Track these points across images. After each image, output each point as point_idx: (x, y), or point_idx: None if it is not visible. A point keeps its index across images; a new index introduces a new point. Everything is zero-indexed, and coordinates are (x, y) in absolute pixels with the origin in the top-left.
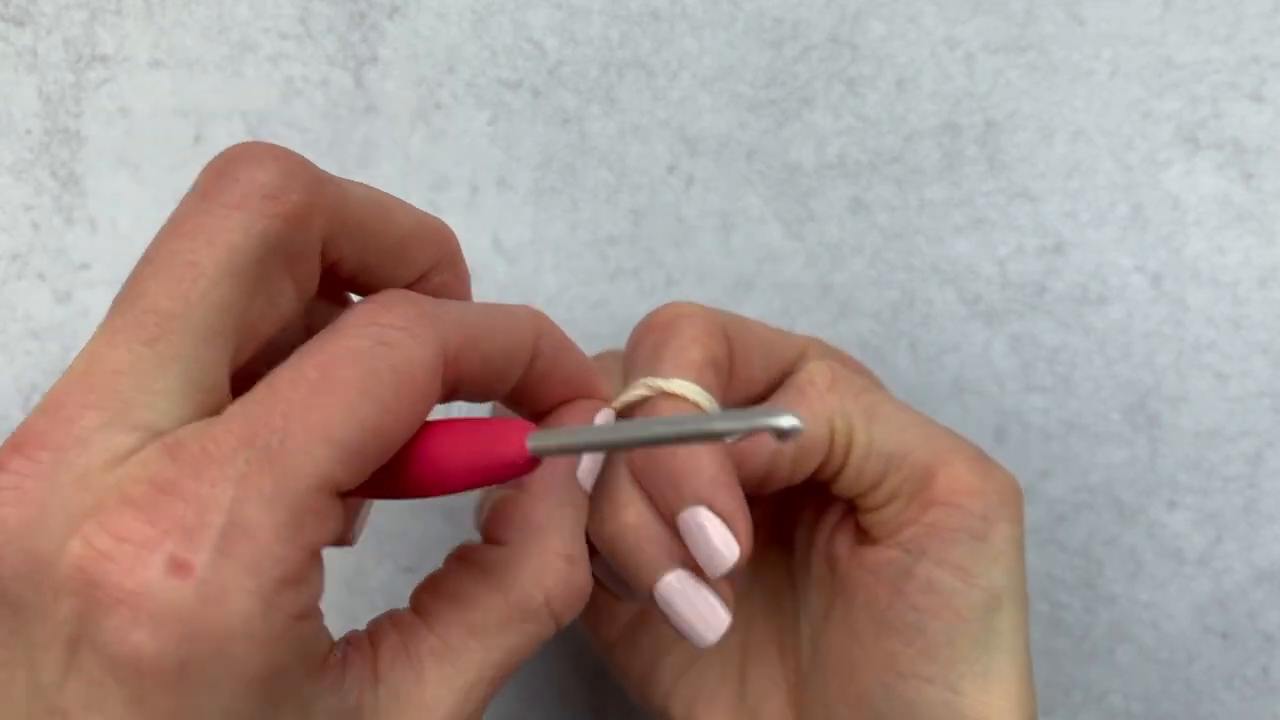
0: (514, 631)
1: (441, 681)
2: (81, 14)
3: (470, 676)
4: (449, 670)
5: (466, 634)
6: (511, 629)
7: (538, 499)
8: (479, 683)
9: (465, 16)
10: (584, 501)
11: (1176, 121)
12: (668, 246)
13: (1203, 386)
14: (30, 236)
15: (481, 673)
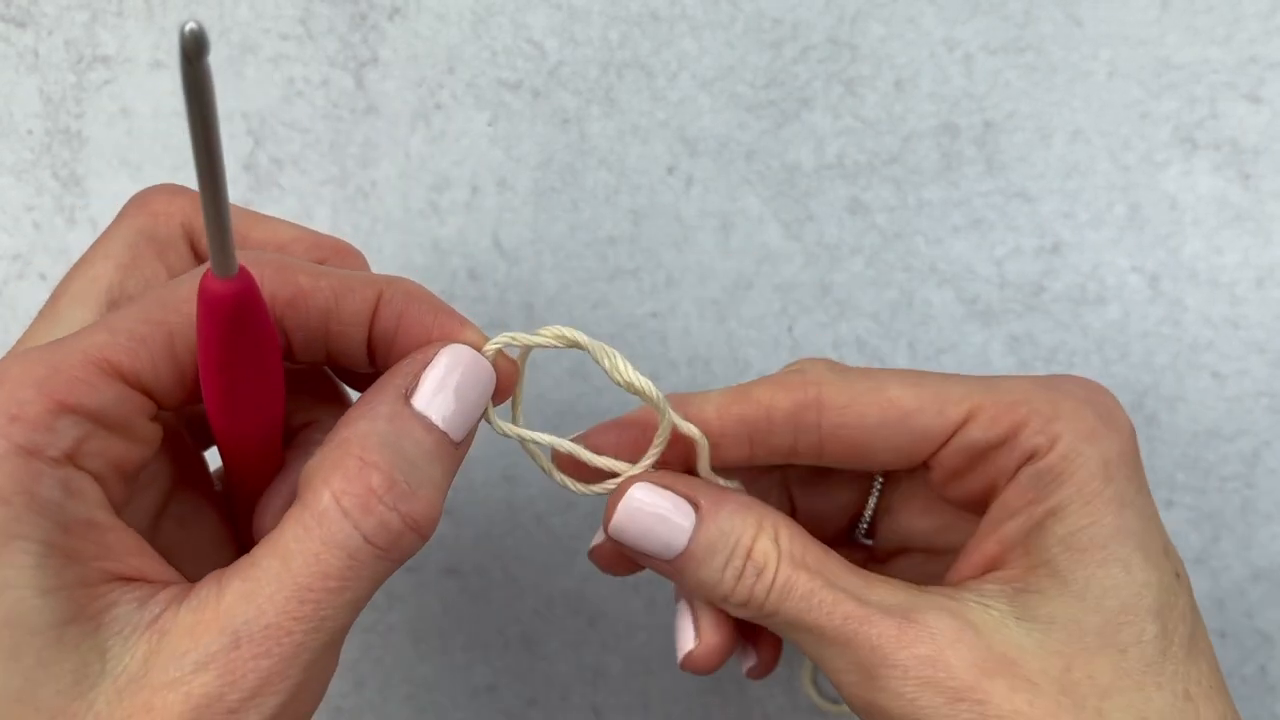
0: (309, 538)
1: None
2: (83, 15)
3: (269, 588)
4: (249, 585)
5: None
6: (306, 536)
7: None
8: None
9: (465, 17)
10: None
11: (1174, 122)
12: (667, 247)
13: (1200, 386)
14: (32, 237)
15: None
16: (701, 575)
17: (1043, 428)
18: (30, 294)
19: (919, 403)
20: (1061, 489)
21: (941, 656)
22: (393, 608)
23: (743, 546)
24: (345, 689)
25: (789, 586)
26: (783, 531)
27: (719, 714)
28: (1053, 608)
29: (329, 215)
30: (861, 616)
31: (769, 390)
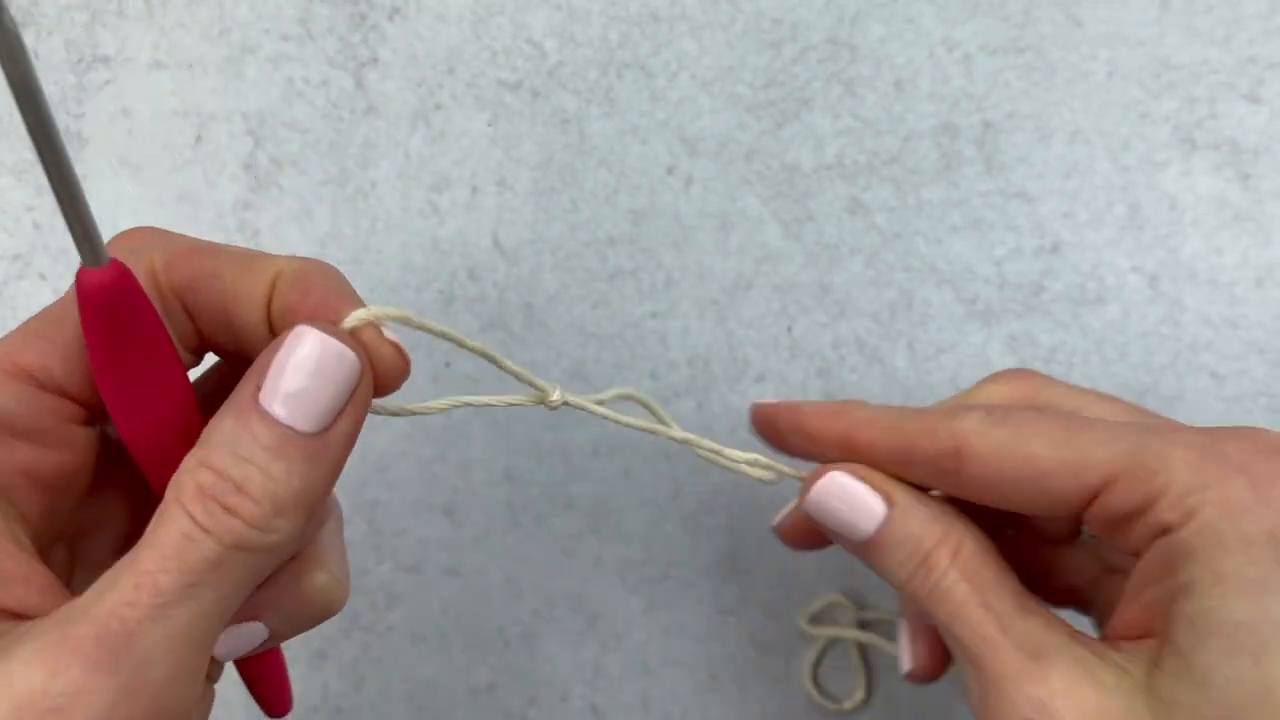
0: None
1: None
2: (83, 15)
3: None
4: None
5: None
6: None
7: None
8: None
9: (465, 18)
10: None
11: (1174, 122)
12: (667, 247)
13: (1199, 386)
14: (32, 237)
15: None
16: (882, 565)
17: (1179, 500)
18: (30, 294)
19: (1058, 464)
20: (1191, 566)
21: (1051, 703)
22: (393, 608)
23: (922, 551)
24: (345, 689)
25: (947, 593)
26: (966, 547)
27: (718, 714)
28: (1175, 690)
29: (328, 215)
30: (996, 643)
31: (918, 428)
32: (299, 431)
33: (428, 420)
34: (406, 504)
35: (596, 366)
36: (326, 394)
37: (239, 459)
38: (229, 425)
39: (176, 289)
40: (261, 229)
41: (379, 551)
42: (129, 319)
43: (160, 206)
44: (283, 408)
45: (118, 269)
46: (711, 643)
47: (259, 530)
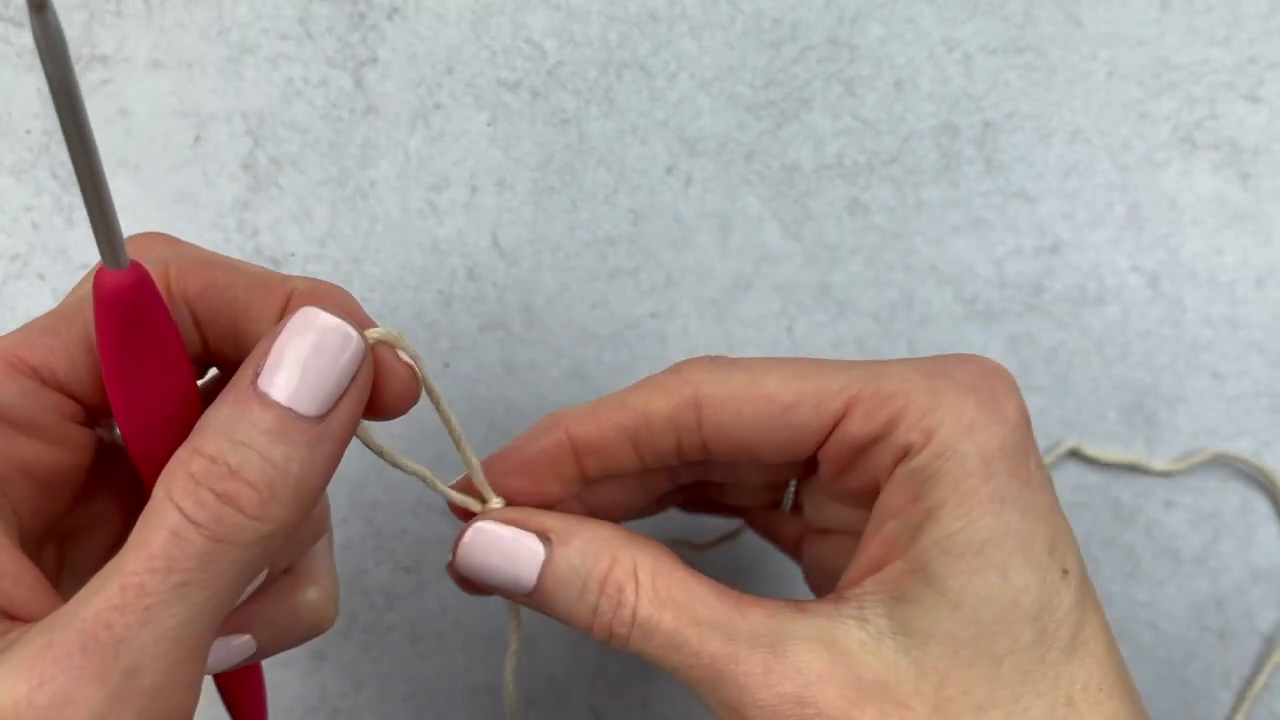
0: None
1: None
2: (81, 14)
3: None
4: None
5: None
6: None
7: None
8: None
9: (464, 17)
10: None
11: (1174, 122)
12: (666, 247)
13: (1200, 386)
14: (30, 237)
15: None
16: (560, 611)
17: (918, 421)
18: (29, 294)
19: (796, 396)
20: (936, 489)
21: (808, 694)
22: (392, 608)
23: (594, 580)
24: (344, 689)
25: (651, 626)
26: (642, 562)
27: None
28: (929, 621)
29: (328, 215)
30: (728, 655)
31: (644, 395)
32: (300, 414)
33: (427, 421)
34: (406, 504)
35: (596, 367)
36: (330, 375)
37: (236, 443)
38: (225, 411)
39: (188, 298)
40: (260, 229)
41: (379, 551)
42: (145, 322)
43: (159, 206)
44: (284, 390)
45: (138, 271)
46: None
47: (255, 520)
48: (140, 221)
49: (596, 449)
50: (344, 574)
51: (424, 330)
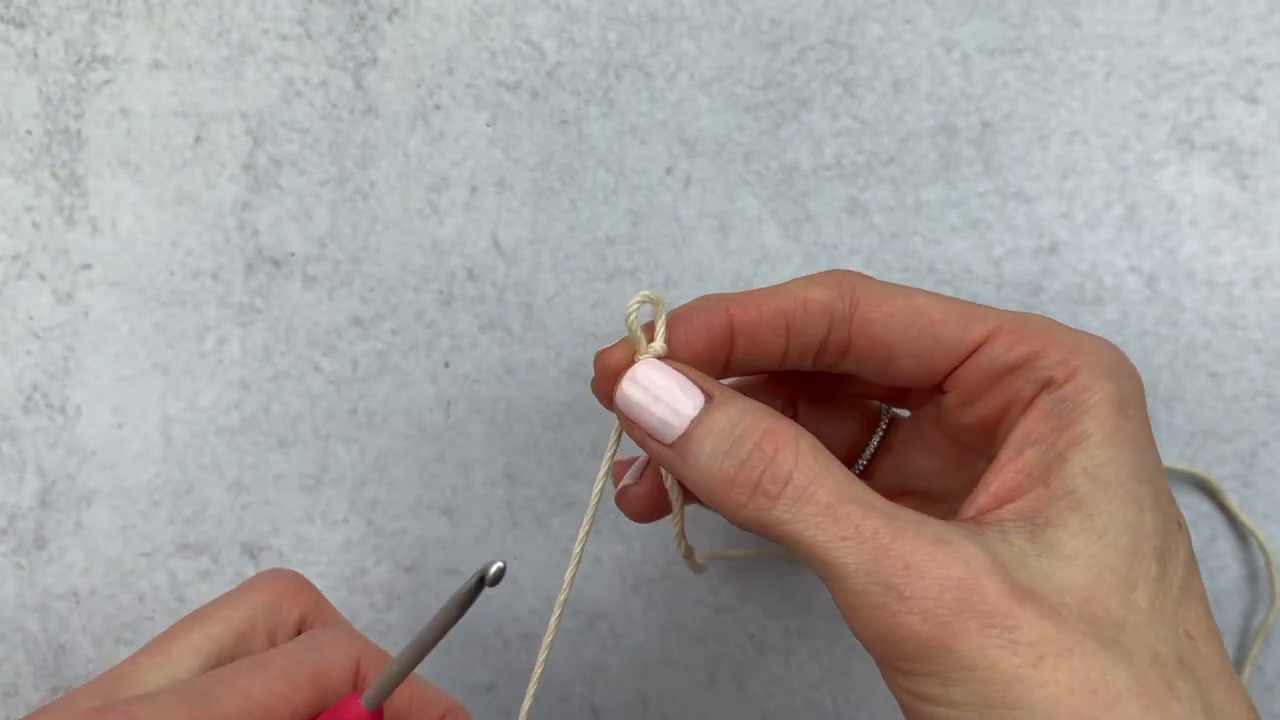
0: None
1: None
2: (82, 15)
3: None
4: None
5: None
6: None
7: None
8: None
9: (464, 18)
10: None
11: (1172, 122)
12: (665, 247)
13: (1198, 386)
14: (31, 237)
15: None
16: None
17: (1063, 358)
18: (30, 294)
19: (945, 314)
20: (1084, 420)
21: (976, 581)
22: (392, 607)
23: (750, 437)
24: None
25: (806, 493)
26: (804, 439)
27: (717, 713)
28: (1076, 544)
29: (328, 215)
30: (894, 532)
31: (805, 283)
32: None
33: (427, 420)
34: (406, 504)
35: None
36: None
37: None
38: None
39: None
40: (260, 229)
41: (379, 551)
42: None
43: (159, 206)
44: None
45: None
46: (710, 642)
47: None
48: (142, 221)
49: (752, 332)
50: (344, 573)
51: (424, 330)
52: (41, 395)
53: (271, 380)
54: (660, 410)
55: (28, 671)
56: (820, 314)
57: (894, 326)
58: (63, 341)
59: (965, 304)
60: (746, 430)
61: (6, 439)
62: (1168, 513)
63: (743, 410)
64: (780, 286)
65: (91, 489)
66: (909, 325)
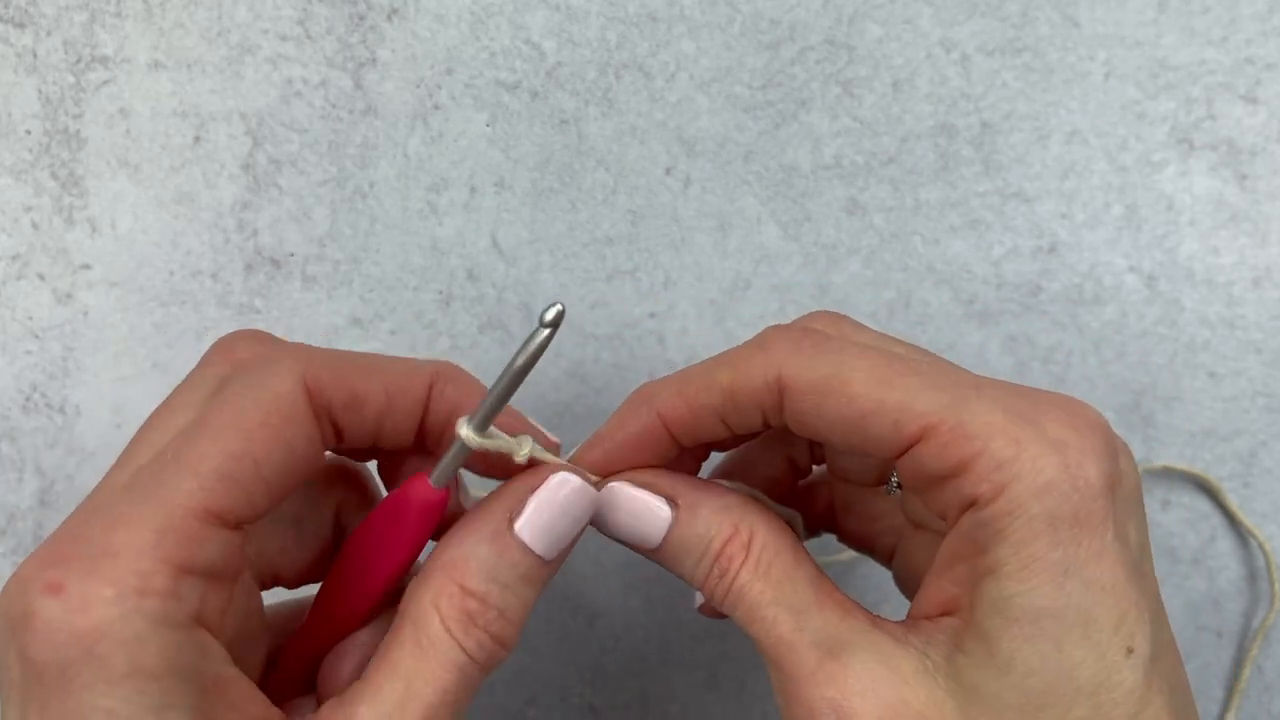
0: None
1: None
2: (81, 15)
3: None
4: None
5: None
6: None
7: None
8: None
9: (463, 18)
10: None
11: (1171, 123)
12: (665, 247)
13: (1197, 386)
14: (31, 237)
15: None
16: (676, 569)
17: (991, 472)
18: (29, 293)
19: (876, 406)
20: (1000, 547)
21: (847, 704)
22: None
23: (713, 550)
24: None
25: (741, 593)
26: (758, 537)
27: (717, 713)
28: (977, 676)
29: (327, 215)
30: (790, 644)
31: (729, 373)
32: (544, 560)
33: None
34: None
35: (595, 366)
36: (570, 533)
37: (501, 585)
38: (484, 551)
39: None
40: (260, 229)
41: None
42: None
43: (159, 206)
44: (536, 539)
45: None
46: (710, 642)
47: (507, 653)
48: (141, 221)
49: (688, 427)
50: None
51: (424, 330)
52: (41, 395)
53: None
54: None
55: None
56: (750, 406)
57: (824, 419)
58: (62, 341)
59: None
60: (709, 543)
61: (6, 439)
62: (1105, 643)
63: (706, 519)
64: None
65: (91, 489)
66: (838, 419)
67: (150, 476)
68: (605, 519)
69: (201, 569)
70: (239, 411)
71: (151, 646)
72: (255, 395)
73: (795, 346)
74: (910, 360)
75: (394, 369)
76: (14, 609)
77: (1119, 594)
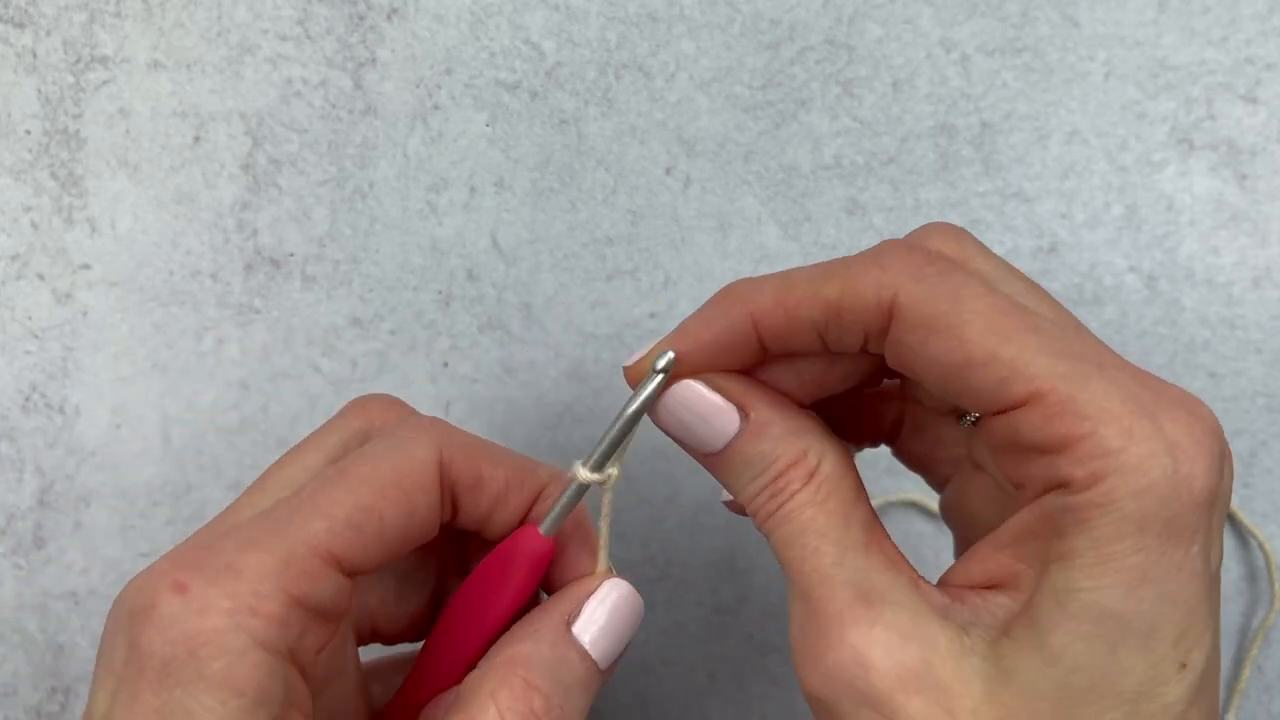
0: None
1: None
2: (81, 15)
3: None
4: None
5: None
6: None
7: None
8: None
9: (463, 18)
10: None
11: (1171, 123)
12: (665, 247)
13: (1197, 386)
14: (30, 237)
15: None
16: (726, 478)
17: (1092, 459)
18: (29, 294)
19: (986, 358)
20: (1079, 537)
21: (868, 653)
22: None
23: (774, 470)
24: None
25: (789, 516)
26: (823, 467)
27: (717, 714)
28: (1019, 661)
29: (327, 216)
30: (825, 576)
31: (839, 286)
32: (599, 668)
33: None
34: None
35: (595, 366)
36: (624, 640)
37: (563, 686)
38: (546, 651)
39: (456, 488)
40: (260, 229)
41: None
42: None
43: (159, 206)
44: (594, 644)
45: (552, 544)
46: (710, 642)
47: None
48: (141, 221)
49: (780, 336)
50: None
51: (424, 330)
52: (40, 395)
53: (270, 380)
54: (699, 432)
55: (26, 672)
56: (854, 326)
57: (926, 357)
58: (61, 341)
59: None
60: (772, 463)
61: (5, 439)
62: (1161, 654)
63: (776, 437)
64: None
65: (90, 489)
66: (942, 360)
67: (285, 510)
68: (669, 414)
69: (312, 606)
70: (376, 468)
71: (248, 663)
72: (394, 458)
73: (916, 270)
74: (1034, 314)
75: (516, 463)
76: (138, 600)
77: (1189, 609)
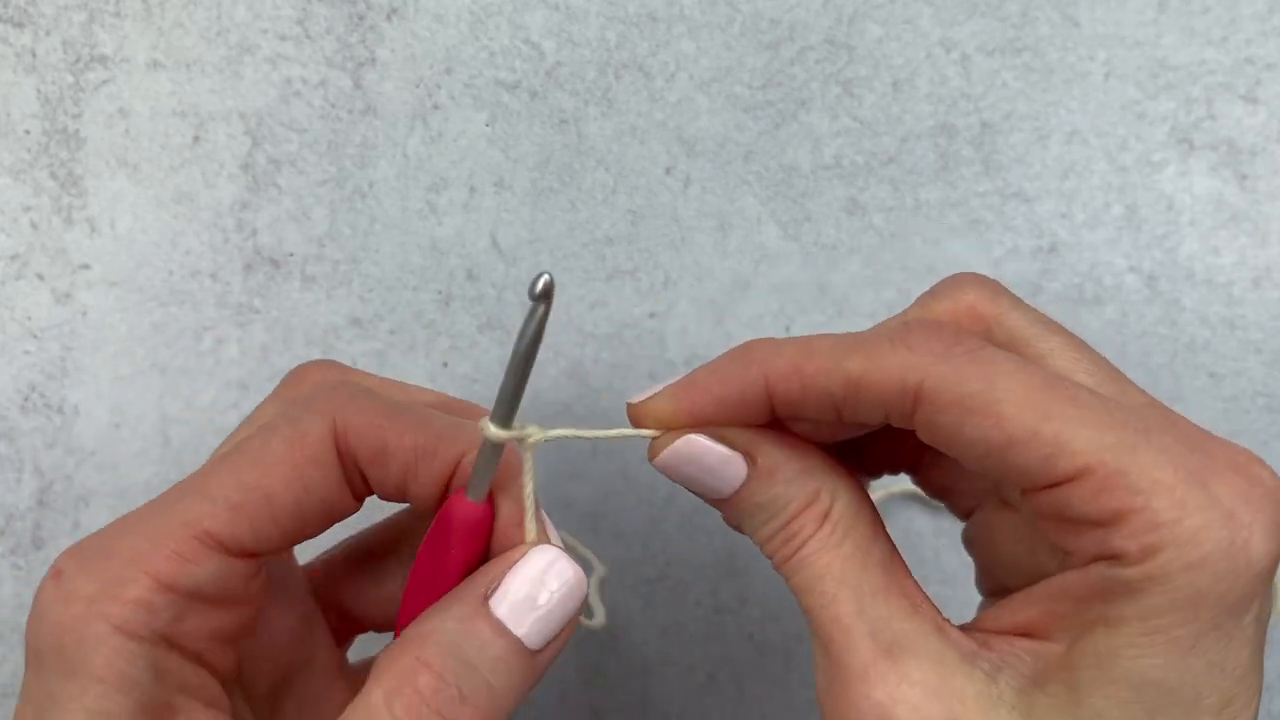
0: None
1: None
2: (80, 15)
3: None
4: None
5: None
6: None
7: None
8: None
9: (463, 18)
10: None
11: (1171, 123)
12: (665, 247)
13: (1197, 386)
14: (30, 237)
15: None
16: (739, 525)
17: (1145, 533)
18: (28, 293)
19: (1028, 436)
20: (1129, 606)
21: (893, 711)
22: None
23: (787, 515)
24: None
25: (805, 562)
26: (837, 508)
27: (717, 714)
28: (1050, 716)
29: (327, 215)
30: (846, 627)
31: (862, 363)
32: (526, 646)
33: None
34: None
35: (595, 366)
36: (558, 615)
37: (466, 664)
38: (452, 626)
39: (358, 460)
40: (259, 229)
41: None
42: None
43: (159, 206)
44: (516, 620)
45: (489, 510)
46: (710, 642)
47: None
48: (140, 221)
49: (793, 404)
50: None
51: (423, 330)
52: (39, 395)
53: (270, 380)
54: (707, 483)
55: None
56: (875, 405)
57: (963, 438)
58: (61, 341)
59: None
60: (785, 507)
61: (4, 439)
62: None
63: (784, 481)
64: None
65: (89, 489)
66: (981, 440)
67: (175, 493)
68: (675, 468)
69: (186, 589)
70: (265, 445)
71: (107, 649)
72: (285, 433)
73: (944, 352)
74: (1070, 385)
75: (433, 430)
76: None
77: (1237, 678)
